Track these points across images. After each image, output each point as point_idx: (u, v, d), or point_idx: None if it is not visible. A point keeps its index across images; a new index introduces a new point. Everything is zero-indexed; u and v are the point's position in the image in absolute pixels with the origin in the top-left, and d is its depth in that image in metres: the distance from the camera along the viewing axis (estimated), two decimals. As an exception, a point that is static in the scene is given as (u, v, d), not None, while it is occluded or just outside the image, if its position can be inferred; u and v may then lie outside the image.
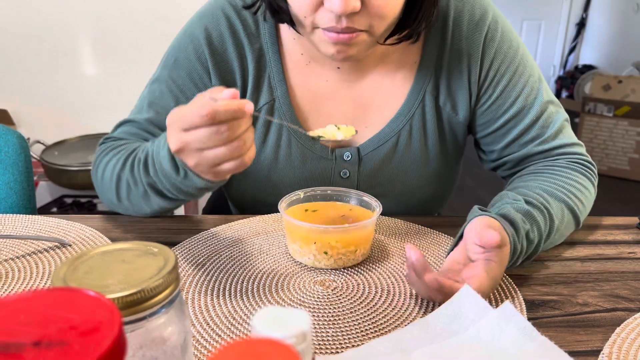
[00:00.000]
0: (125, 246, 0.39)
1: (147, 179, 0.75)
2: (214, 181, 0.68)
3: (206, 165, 0.63)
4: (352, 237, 0.70)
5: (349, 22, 0.69)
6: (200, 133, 0.59)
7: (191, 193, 0.73)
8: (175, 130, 0.62)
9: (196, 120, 0.58)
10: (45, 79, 2.17)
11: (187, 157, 0.63)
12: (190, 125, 0.59)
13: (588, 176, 0.84)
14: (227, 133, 0.59)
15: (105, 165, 0.83)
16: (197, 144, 0.60)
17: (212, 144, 0.60)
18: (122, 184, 0.80)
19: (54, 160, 1.97)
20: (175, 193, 0.73)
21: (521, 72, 0.85)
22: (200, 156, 0.62)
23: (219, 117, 0.58)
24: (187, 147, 0.61)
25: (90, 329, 0.25)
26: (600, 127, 3.76)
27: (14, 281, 0.67)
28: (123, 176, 0.79)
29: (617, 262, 0.75)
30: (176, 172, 0.68)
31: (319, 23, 0.71)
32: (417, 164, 0.90)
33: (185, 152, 0.62)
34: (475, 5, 0.84)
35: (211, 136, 0.59)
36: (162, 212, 0.84)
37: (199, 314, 0.61)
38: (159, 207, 0.79)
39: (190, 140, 0.60)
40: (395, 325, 0.59)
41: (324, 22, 0.71)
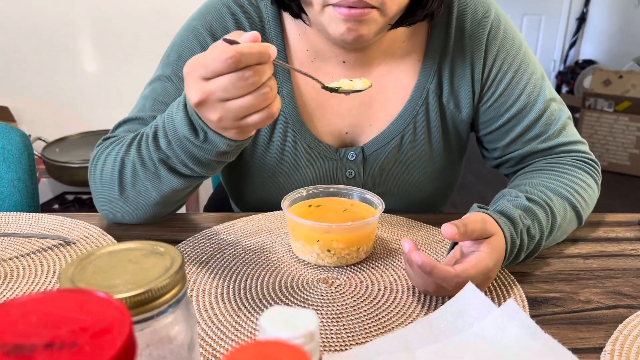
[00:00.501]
0: (132, 246, 0.40)
1: (158, 154, 0.70)
2: (237, 140, 0.64)
3: (231, 118, 0.59)
4: (355, 235, 0.70)
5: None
6: (224, 80, 0.56)
7: (208, 163, 0.69)
8: (195, 81, 0.58)
9: (219, 65, 0.55)
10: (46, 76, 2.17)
11: (210, 110, 0.59)
12: (212, 72, 0.56)
13: (592, 174, 0.84)
14: (252, 79, 0.55)
15: (106, 158, 0.78)
16: (221, 93, 0.56)
17: (238, 92, 0.56)
18: (127, 169, 0.74)
19: (55, 157, 1.97)
20: (192, 165, 0.69)
21: (524, 70, 0.86)
22: (224, 108, 0.58)
23: (244, 60, 0.54)
24: (210, 98, 0.57)
25: (101, 330, 0.25)
26: (601, 122, 3.76)
27: (19, 279, 0.67)
28: (128, 160, 0.74)
29: (619, 259, 0.75)
30: (195, 135, 0.65)
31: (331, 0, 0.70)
32: (421, 162, 0.90)
33: (207, 104, 0.58)
34: (478, 4, 0.85)
35: (236, 82, 0.55)
36: (170, 201, 0.78)
37: (203, 312, 0.61)
38: (171, 188, 0.73)
39: (214, 89, 0.56)
40: (399, 323, 0.60)
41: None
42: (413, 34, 0.86)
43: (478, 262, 0.60)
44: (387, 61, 0.87)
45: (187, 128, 0.65)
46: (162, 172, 0.72)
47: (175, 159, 0.69)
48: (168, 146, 0.69)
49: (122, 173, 0.75)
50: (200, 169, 0.70)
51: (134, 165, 0.74)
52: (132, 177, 0.74)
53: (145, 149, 0.72)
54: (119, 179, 0.76)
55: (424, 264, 0.58)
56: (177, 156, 0.69)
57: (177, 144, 0.67)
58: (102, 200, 0.80)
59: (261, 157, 0.89)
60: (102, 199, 0.80)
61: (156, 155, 0.70)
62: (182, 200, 0.82)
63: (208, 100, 0.58)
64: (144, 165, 0.73)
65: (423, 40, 0.87)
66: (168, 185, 0.73)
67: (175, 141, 0.67)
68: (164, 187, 0.74)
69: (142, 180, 0.74)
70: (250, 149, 0.89)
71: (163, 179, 0.73)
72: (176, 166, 0.71)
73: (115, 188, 0.77)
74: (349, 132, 0.89)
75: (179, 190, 0.75)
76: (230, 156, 0.70)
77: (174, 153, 0.69)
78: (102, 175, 0.78)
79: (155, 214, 0.80)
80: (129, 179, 0.75)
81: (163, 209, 0.80)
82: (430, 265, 0.58)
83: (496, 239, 0.63)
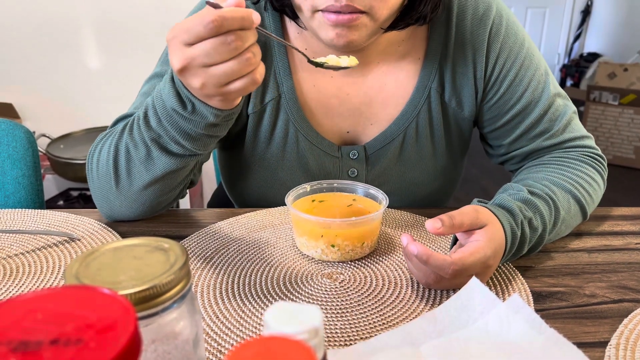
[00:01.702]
0: (136, 242, 0.40)
1: (149, 134, 0.70)
2: (223, 110, 0.64)
3: (214, 84, 0.58)
4: (360, 231, 0.70)
5: (348, 0, 0.67)
6: (206, 45, 0.55)
7: (199, 138, 0.69)
8: (177, 46, 0.57)
9: (201, 30, 0.54)
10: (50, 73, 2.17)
11: (192, 76, 0.58)
12: (195, 36, 0.55)
13: (598, 169, 0.84)
14: (235, 43, 0.55)
15: (100, 150, 0.77)
16: (204, 58, 0.56)
17: (220, 57, 0.56)
18: (121, 155, 0.74)
19: (59, 153, 1.97)
20: (182, 141, 0.69)
21: (527, 66, 0.85)
22: (207, 74, 0.57)
23: (226, 24, 0.54)
24: (192, 64, 0.57)
25: (106, 327, 0.26)
26: (606, 115, 3.74)
27: (24, 276, 0.68)
28: (121, 146, 0.74)
29: (624, 253, 0.75)
30: (182, 107, 0.65)
31: (317, 3, 0.69)
32: (423, 160, 0.90)
33: (190, 70, 0.58)
34: (478, 0, 0.83)
35: (218, 47, 0.55)
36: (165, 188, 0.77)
37: (208, 307, 0.61)
38: (164, 170, 0.73)
39: (196, 54, 0.56)
40: (403, 318, 0.60)
41: (322, 1, 0.69)
42: (413, 33, 0.86)
43: (475, 251, 0.60)
44: (386, 61, 0.86)
45: (174, 100, 0.65)
46: (154, 153, 0.72)
47: (166, 136, 0.69)
48: (158, 124, 0.69)
49: (117, 160, 0.75)
50: (192, 145, 0.70)
51: (127, 149, 0.73)
52: (126, 162, 0.74)
53: (137, 131, 0.72)
54: (114, 167, 0.75)
55: (420, 253, 0.59)
56: (167, 133, 0.69)
57: (166, 119, 0.67)
58: (100, 197, 0.80)
59: (262, 153, 0.89)
60: (99, 195, 0.79)
61: (147, 134, 0.70)
62: (178, 187, 0.80)
63: (190, 65, 0.57)
64: (136, 148, 0.72)
65: (423, 39, 0.86)
66: (161, 166, 0.73)
67: (165, 116, 0.67)
68: (157, 170, 0.73)
69: (136, 165, 0.74)
70: (251, 145, 0.88)
71: (156, 160, 0.72)
72: (167, 145, 0.70)
73: (111, 180, 0.76)
74: (350, 132, 0.89)
75: (173, 172, 0.75)
76: (220, 129, 0.70)
77: (164, 130, 0.69)
78: (99, 168, 0.77)
79: (152, 203, 0.79)
80: (123, 166, 0.75)
81: (160, 198, 0.79)
82: (427, 255, 0.59)
83: (492, 228, 0.63)
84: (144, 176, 0.74)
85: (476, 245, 0.61)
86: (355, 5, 0.68)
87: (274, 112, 0.86)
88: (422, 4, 0.76)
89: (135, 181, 0.75)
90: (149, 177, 0.74)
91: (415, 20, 0.78)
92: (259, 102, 0.86)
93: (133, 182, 0.75)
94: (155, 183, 0.75)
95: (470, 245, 0.61)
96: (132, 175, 0.75)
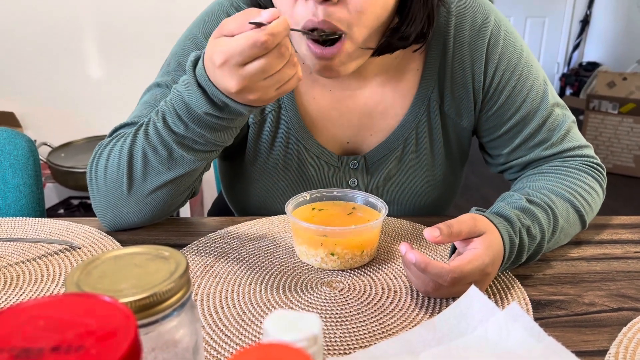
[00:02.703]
0: (137, 250, 0.40)
1: (172, 137, 0.71)
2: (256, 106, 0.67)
3: (269, 93, 0.62)
4: (359, 239, 0.71)
5: (325, 15, 0.67)
6: (262, 62, 0.58)
7: (226, 130, 0.71)
8: (231, 69, 0.60)
9: (255, 51, 0.57)
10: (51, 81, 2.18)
11: (250, 92, 0.62)
12: (249, 57, 0.58)
13: (597, 178, 0.84)
14: (286, 52, 0.59)
15: (108, 156, 0.77)
16: (261, 75, 0.59)
17: (276, 69, 0.60)
18: (137, 158, 0.74)
19: (60, 162, 1.98)
20: (209, 136, 0.70)
21: (526, 77, 0.85)
22: (263, 86, 0.61)
23: (276, 41, 0.57)
24: (251, 82, 0.60)
25: (107, 334, 0.26)
26: (605, 124, 3.75)
27: (25, 284, 0.68)
28: (136, 149, 0.74)
29: (623, 262, 0.75)
30: (218, 109, 0.67)
31: (298, 18, 0.69)
32: (423, 170, 0.90)
33: (248, 88, 0.61)
34: (476, 10, 0.84)
35: (273, 61, 0.59)
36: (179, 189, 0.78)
37: (207, 315, 0.61)
38: (185, 169, 0.74)
39: (253, 72, 0.59)
40: (403, 327, 0.60)
41: (302, 16, 0.69)
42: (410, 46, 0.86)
43: (473, 258, 0.60)
44: (384, 73, 0.86)
45: (208, 106, 0.66)
46: (177, 153, 0.73)
47: (193, 136, 0.71)
48: (185, 128, 0.70)
49: (132, 164, 0.75)
50: (216, 138, 0.72)
51: (144, 153, 0.74)
52: (143, 166, 0.75)
53: (155, 135, 0.72)
54: (128, 171, 0.75)
55: (418, 261, 0.59)
56: (194, 133, 0.70)
57: (195, 122, 0.69)
58: (104, 205, 0.79)
59: (263, 163, 0.89)
60: (104, 203, 0.79)
61: (171, 138, 0.72)
62: (187, 191, 0.81)
63: (249, 85, 0.61)
64: (155, 151, 0.73)
65: (421, 51, 0.85)
66: (184, 166, 0.74)
67: (192, 120, 0.69)
68: (179, 169, 0.74)
69: (154, 167, 0.74)
70: (252, 155, 0.89)
71: (178, 160, 0.74)
72: (193, 144, 0.72)
73: (123, 185, 0.76)
74: (351, 142, 0.89)
75: (192, 172, 0.76)
76: (244, 119, 0.73)
77: (191, 132, 0.70)
78: (107, 174, 0.77)
79: (163, 207, 0.79)
80: (139, 170, 0.75)
81: (170, 200, 0.79)
82: (425, 262, 0.59)
83: (490, 236, 0.63)
84: (162, 177, 0.75)
85: (474, 253, 0.61)
86: (333, 21, 0.68)
87: (275, 123, 0.87)
88: (409, 23, 0.75)
89: (149, 184, 0.76)
90: (168, 177, 0.75)
91: (401, 40, 0.77)
92: (259, 113, 0.86)
93: (147, 184, 0.76)
94: (171, 184, 0.76)
95: (469, 253, 0.62)
96: (147, 178, 0.75)
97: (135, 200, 0.77)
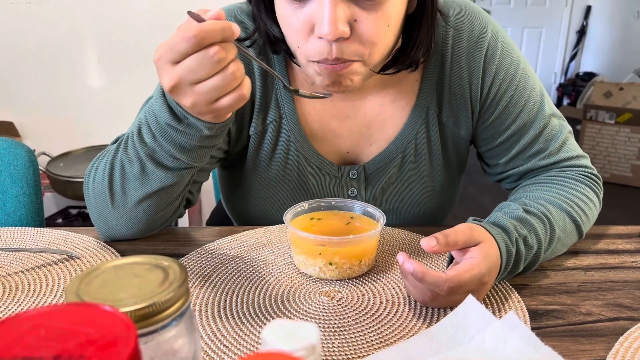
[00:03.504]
0: (136, 260, 0.40)
1: (143, 149, 0.71)
2: (215, 123, 0.66)
3: (204, 102, 0.60)
4: (358, 249, 0.71)
5: (338, 53, 0.68)
6: (190, 61, 0.57)
7: (194, 150, 0.70)
8: (164, 66, 0.59)
9: (184, 46, 0.56)
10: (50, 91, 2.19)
11: (182, 95, 0.60)
12: (179, 53, 0.57)
13: (594, 188, 0.84)
14: (217, 55, 0.56)
15: (97, 169, 0.78)
16: (190, 76, 0.57)
17: (205, 72, 0.57)
18: (116, 171, 0.74)
19: (59, 171, 1.98)
20: (177, 155, 0.70)
21: (523, 88, 0.86)
22: (195, 92, 0.59)
23: (207, 37, 0.55)
24: (181, 83, 0.58)
25: (107, 343, 0.26)
26: (602, 134, 3.76)
27: (24, 294, 0.68)
28: (116, 162, 0.74)
29: (619, 271, 0.75)
30: (177, 121, 0.66)
31: (311, 55, 0.70)
32: (422, 179, 0.91)
33: (179, 88, 0.59)
34: (474, 22, 0.85)
35: (202, 62, 0.56)
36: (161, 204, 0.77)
37: (206, 325, 0.62)
38: (159, 185, 0.73)
39: (182, 72, 0.58)
40: (401, 336, 0.60)
41: (316, 54, 0.70)
42: None
43: (470, 268, 0.61)
44: (384, 84, 0.87)
45: (168, 115, 0.66)
46: (149, 168, 0.72)
47: (161, 151, 0.70)
48: (153, 139, 0.69)
49: (112, 177, 0.75)
50: (187, 157, 0.70)
51: (122, 166, 0.74)
52: (121, 179, 0.74)
53: (131, 147, 0.72)
54: (109, 184, 0.75)
55: (415, 271, 0.59)
56: (162, 147, 0.70)
57: (160, 134, 0.68)
58: (97, 216, 0.80)
59: (263, 173, 0.90)
60: (97, 215, 0.79)
61: (142, 150, 0.71)
62: (174, 204, 0.80)
63: (179, 85, 0.59)
64: (131, 164, 0.73)
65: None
66: (156, 181, 0.73)
67: (159, 132, 0.68)
68: (152, 185, 0.74)
69: (130, 181, 0.74)
70: (252, 165, 0.89)
71: (150, 175, 0.73)
72: (163, 159, 0.71)
73: (106, 197, 0.76)
74: (350, 152, 0.90)
75: (168, 187, 0.75)
76: (214, 140, 0.71)
77: (159, 145, 0.69)
78: (94, 187, 0.78)
79: (148, 221, 0.79)
80: (118, 182, 0.75)
81: (155, 214, 0.78)
82: (422, 272, 0.59)
83: (487, 246, 0.64)
84: (138, 192, 0.75)
85: (471, 262, 0.61)
86: (346, 57, 0.69)
87: (276, 133, 0.87)
88: (415, 49, 0.77)
89: (129, 197, 0.75)
90: (143, 193, 0.74)
91: (408, 66, 0.80)
92: (260, 123, 0.87)
93: (127, 198, 0.75)
94: (150, 198, 0.75)
95: (466, 262, 0.62)
96: (126, 192, 0.75)
97: (119, 213, 0.77)
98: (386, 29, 0.70)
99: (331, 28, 0.65)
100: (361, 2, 0.67)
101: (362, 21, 0.68)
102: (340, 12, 0.66)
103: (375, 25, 0.68)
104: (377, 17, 0.68)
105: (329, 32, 0.65)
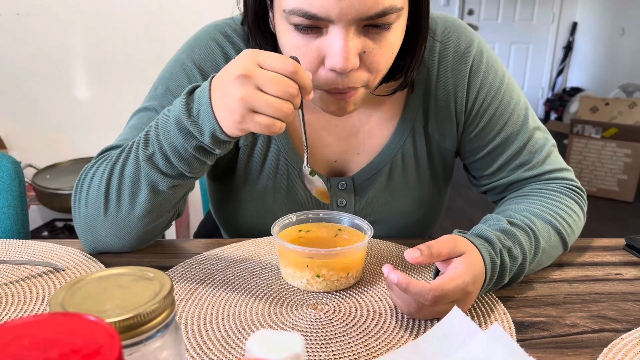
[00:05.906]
0: (122, 271, 0.40)
1: (144, 152, 0.72)
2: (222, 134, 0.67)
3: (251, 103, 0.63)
4: (345, 261, 0.71)
5: (349, 82, 0.71)
6: (272, 73, 0.62)
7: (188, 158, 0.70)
8: (249, 58, 0.63)
9: (278, 62, 0.62)
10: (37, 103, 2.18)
11: (242, 85, 0.63)
12: (270, 63, 0.63)
13: (577, 201, 0.86)
14: (292, 89, 0.62)
15: (92, 176, 0.77)
16: (262, 79, 0.62)
17: (274, 89, 0.62)
18: (113, 180, 0.75)
19: (45, 184, 1.97)
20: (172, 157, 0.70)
21: (507, 101, 0.87)
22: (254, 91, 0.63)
23: (297, 75, 0.63)
24: (254, 77, 0.62)
25: (91, 353, 0.26)
26: (589, 148, 3.81)
27: (7, 306, 0.67)
28: (115, 171, 0.75)
29: (604, 284, 0.76)
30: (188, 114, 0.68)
31: (321, 85, 0.72)
32: (410, 189, 0.92)
33: (247, 79, 0.62)
34: (460, 37, 0.86)
35: (280, 82, 0.62)
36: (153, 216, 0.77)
37: (192, 338, 0.61)
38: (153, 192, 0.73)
39: (260, 72, 0.62)
40: (387, 349, 0.60)
41: (326, 84, 0.72)
42: None
43: (454, 277, 0.61)
44: (372, 95, 0.88)
45: (183, 109, 0.68)
46: (144, 172, 0.73)
47: (158, 151, 0.71)
48: (155, 139, 0.71)
49: (109, 186, 0.75)
50: (179, 162, 0.71)
51: (120, 175, 0.74)
52: (118, 185, 0.75)
53: (134, 151, 0.73)
54: (106, 191, 0.75)
55: (399, 281, 0.60)
56: (160, 147, 0.70)
57: (163, 131, 0.70)
58: (84, 227, 0.79)
59: (253, 184, 0.90)
60: (84, 225, 0.79)
61: (143, 153, 0.72)
62: (166, 217, 0.80)
63: (250, 76, 0.62)
64: (130, 169, 0.74)
65: None
66: (150, 188, 0.74)
67: (163, 128, 0.70)
68: (146, 192, 0.74)
69: (127, 186, 0.74)
70: (242, 176, 0.90)
71: (145, 180, 0.73)
72: (158, 162, 0.71)
73: (100, 206, 0.76)
74: (338, 161, 0.91)
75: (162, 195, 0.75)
76: (208, 157, 0.72)
77: (158, 144, 0.70)
78: (88, 196, 0.77)
79: (139, 233, 0.78)
80: (114, 192, 0.75)
81: (148, 226, 0.78)
82: (406, 282, 0.60)
83: (470, 256, 0.64)
84: (134, 200, 0.74)
85: (455, 272, 0.62)
86: (355, 85, 0.72)
87: (265, 145, 0.88)
88: (410, 71, 0.80)
89: (123, 205, 0.75)
90: (138, 200, 0.74)
91: (404, 87, 0.83)
92: (250, 135, 0.87)
93: (121, 207, 0.75)
94: (144, 207, 0.75)
95: (449, 272, 0.62)
96: (122, 200, 0.75)
97: (110, 222, 0.77)
98: (390, 56, 0.73)
99: (345, 63, 0.67)
100: (370, 34, 0.69)
101: (370, 51, 0.70)
102: (353, 46, 0.68)
103: (382, 55, 0.71)
104: (383, 47, 0.71)
105: (343, 67, 0.68)
